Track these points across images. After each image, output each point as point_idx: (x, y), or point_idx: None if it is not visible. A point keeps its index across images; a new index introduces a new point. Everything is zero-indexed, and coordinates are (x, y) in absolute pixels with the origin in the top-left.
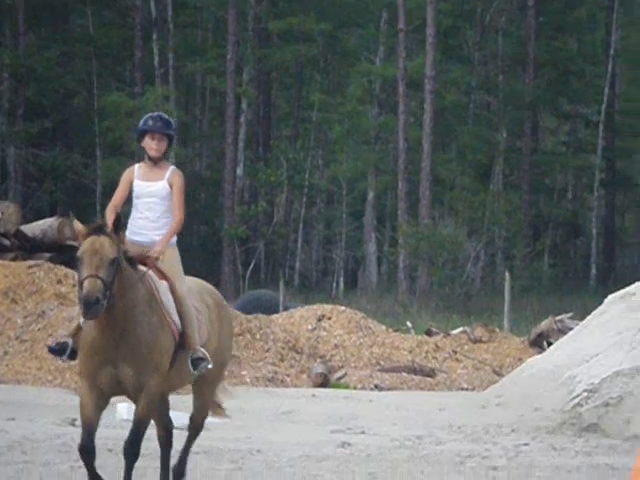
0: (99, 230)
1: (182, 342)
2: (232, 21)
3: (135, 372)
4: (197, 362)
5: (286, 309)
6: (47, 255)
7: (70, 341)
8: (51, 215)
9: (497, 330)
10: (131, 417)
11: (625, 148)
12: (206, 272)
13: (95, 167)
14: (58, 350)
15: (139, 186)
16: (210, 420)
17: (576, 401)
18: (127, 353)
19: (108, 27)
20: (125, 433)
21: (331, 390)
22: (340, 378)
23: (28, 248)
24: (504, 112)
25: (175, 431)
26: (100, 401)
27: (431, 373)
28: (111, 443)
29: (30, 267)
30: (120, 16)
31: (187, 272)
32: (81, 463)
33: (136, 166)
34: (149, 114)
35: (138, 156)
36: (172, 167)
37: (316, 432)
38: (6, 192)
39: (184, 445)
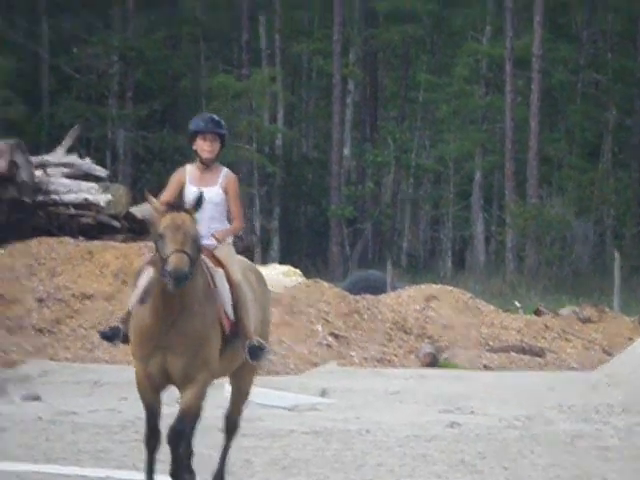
0: (178, 207)
1: (236, 331)
2: (338, 2)
3: (184, 364)
4: (255, 351)
5: (394, 289)
6: None
7: (122, 326)
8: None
9: (607, 310)
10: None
11: None
12: (313, 253)
13: None
14: (110, 335)
15: (191, 191)
16: (319, 400)
17: None
18: (178, 343)
19: (215, 9)
20: (244, 413)
21: (439, 370)
22: (448, 358)
23: (137, 230)
24: (613, 90)
25: (282, 412)
26: (156, 384)
27: (540, 353)
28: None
29: (140, 249)
30: None
31: (295, 252)
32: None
33: (187, 168)
34: (199, 115)
35: (245, 136)
36: (225, 170)
37: (425, 412)
38: (116, 174)
39: (223, 448)
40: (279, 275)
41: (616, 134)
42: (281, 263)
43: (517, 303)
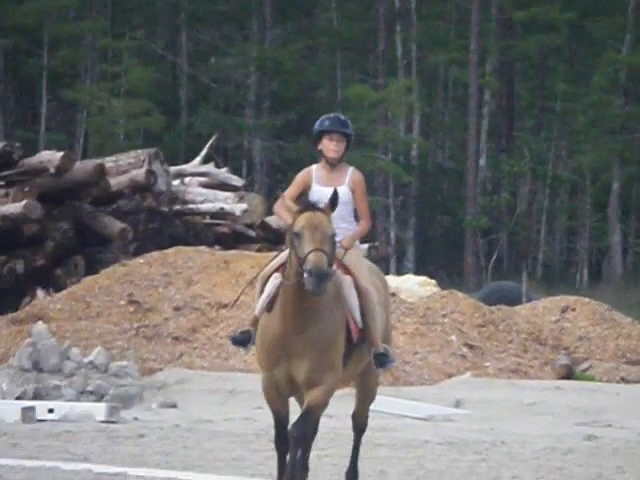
0: (314, 206)
1: (363, 337)
2: (476, 12)
3: (309, 368)
4: (381, 359)
5: (529, 300)
6: None
7: (252, 330)
8: None
9: None
10: None
11: None
12: (448, 263)
13: None
14: (241, 340)
15: (318, 191)
16: (454, 411)
17: None
18: (305, 348)
19: (352, 19)
20: (369, 423)
21: (576, 382)
22: (585, 370)
23: (273, 239)
24: None
25: (416, 422)
26: (282, 391)
27: None
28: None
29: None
30: (364, 8)
31: (430, 263)
32: (328, 452)
33: (313, 168)
34: (325, 115)
35: (381, 147)
36: (351, 169)
37: (561, 424)
38: (252, 183)
39: (353, 445)
40: (414, 285)
41: None
42: (416, 273)
43: None
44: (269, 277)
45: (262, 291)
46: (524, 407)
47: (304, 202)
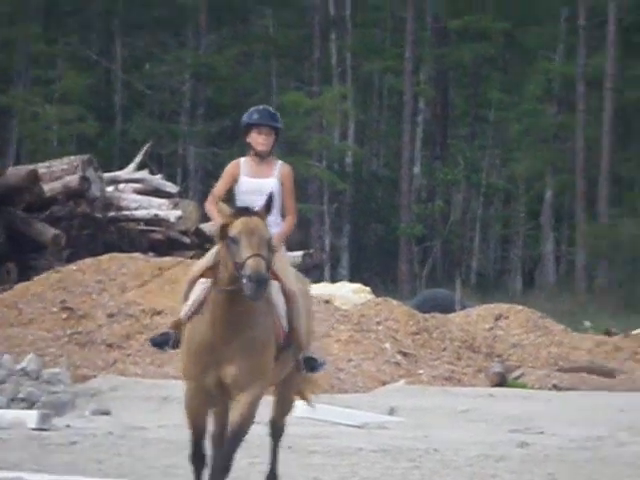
0: (249, 211)
1: (289, 341)
2: (411, 20)
3: (242, 373)
4: (311, 362)
5: (463, 308)
6: None
7: (173, 332)
8: None
9: None
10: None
11: None
12: (382, 270)
13: None
14: (160, 342)
15: (246, 183)
16: (388, 419)
17: None
18: (237, 352)
19: (287, 26)
20: (302, 430)
21: (508, 390)
22: (517, 377)
23: (207, 246)
24: None
25: (350, 429)
26: (208, 404)
27: (611, 373)
28: (290, 440)
29: None
30: (299, 15)
31: (364, 270)
32: (260, 459)
33: (241, 160)
34: (254, 107)
35: (315, 154)
36: (280, 162)
37: (494, 432)
38: (186, 190)
39: (272, 453)
40: (349, 293)
41: None
42: (350, 280)
43: (587, 323)
44: (196, 281)
45: (187, 296)
46: (457, 414)
47: (238, 206)
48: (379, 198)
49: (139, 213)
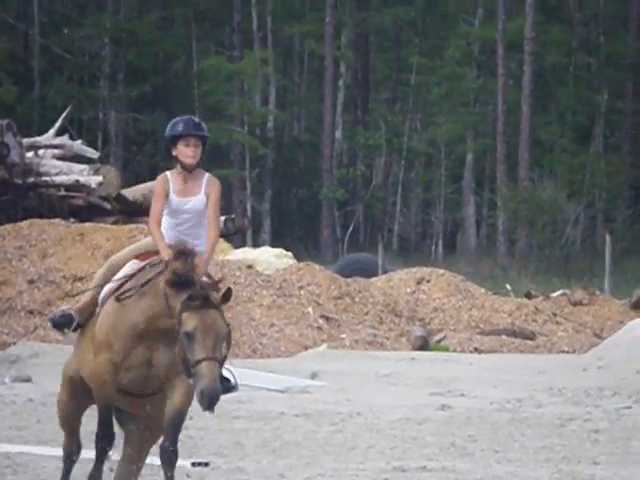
0: (204, 297)
1: None
2: None
3: (173, 359)
4: (223, 382)
5: (385, 272)
6: (147, 219)
7: (77, 316)
8: (151, 179)
9: (598, 293)
10: None
11: None
12: (305, 235)
13: None
14: (60, 323)
15: (175, 201)
16: (310, 383)
17: None
18: (172, 341)
19: None
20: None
21: (430, 353)
22: (439, 341)
23: (129, 212)
24: (605, 73)
25: (273, 394)
26: (115, 382)
27: (531, 336)
28: None
29: (130, 231)
30: None
31: (286, 235)
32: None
33: (168, 175)
34: (176, 120)
35: (237, 119)
36: (207, 175)
37: (416, 395)
38: (107, 156)
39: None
40: (271, 258)
41: (608, 117)
42: (272, 246)
43: (508, 286)
44: (120, 265)
45: (107, 278)
46: (380, 378)
47: (198, 296)
48: (301, 163)
49: (59, 179)
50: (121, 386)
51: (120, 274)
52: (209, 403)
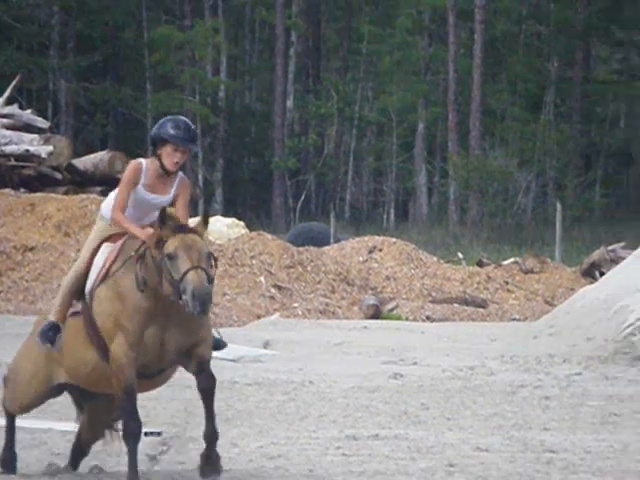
0: (185, 228)
1: None
2: None
3: (185, 333)
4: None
5: (337, 241)
6: (99, 189)
7: (59, 326)
8: (102, 149)
9: (549, 260)
10: None
11: None
12: (257, 204)
13: (145, 100)
14: (51, 336)
15: (142, 194)
16: (262, 352)
17: (629, 330)
18: (179, 315)
19: None
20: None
21: (383, 322)
22: (392, 310)
23: (80, 182)
24: (555, 41)
25: (225, 363)
26: (136, 365)
27: (483, 304)
28: None
29: (82, 201)
30: None
31: (238, 205)
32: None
33: (143, 166)
34: (173, 120)
35: (188, 88)
36: (180, 176)
37: (368, 363)
38: (57, 126)
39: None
40: (223, 227)
41: (558, 85)
42: (224, 215)
43: (460, 254)
44: (87, 268)
45: (75, 285)
46: (332, 347)
47: (173, 225)
48: (252, 132)
49: (9, 148)
50: (138, 370)
51: (99, 261)
52: (201, 304)
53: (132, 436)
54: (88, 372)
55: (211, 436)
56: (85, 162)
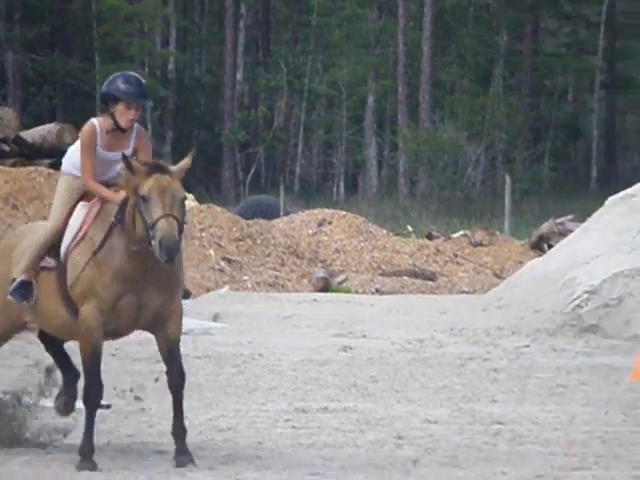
0: (163, 168)
1: None
2: None
3: (163, 298)
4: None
5: (287, 214)
6: (47, 161)
7: (31, 282)
8: (50, 121)
9: (497, 233)
10: None
11: (626, 49)
12: (206, 177)
13: (94, 72)
14: (25, 293)
15: (102, 154)
16: (212, 325)
17: (576, 303)
18: (157, 280)
19: None
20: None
21: (332, 294)
22: (341, 282)
23: (28, 154)
24: (504, 14)
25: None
26: (105, 329)
27: (432, 277)
28: (114, 348)
29: (30, 173)
30: None
31: (188, 177)
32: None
33: (96, 126)
34: (123, 74)
35: (137, 61)
36: (136, 127)
37: (317, 336)
38: (5, 97)
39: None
40: None
41: (507, 58)
42: None
43: (409, 227)
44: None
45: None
46: (282, 320)
47: (148, 165)
48: (202, 105)
49: None
50: (108, 331)
51: (75, 222)
52: (167, 253)
53: (92, 400)
54: (59, 325)
55: (179, 433)
56: (33, 134)
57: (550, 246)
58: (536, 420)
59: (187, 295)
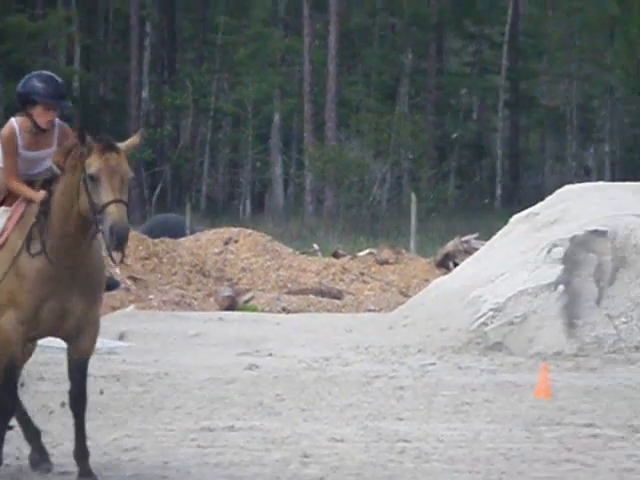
0: (111, 146)
1: None
2: None
3: (85, 304)
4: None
5: (193, 232)
6: None
7: None
8: None
9: (403, 251)
10: None
11: (528, 69)
12: None
13: None
14: None
15: (26, 154)
16: (118, 344)
17: (481, 320)
18: (80, 285)
19: None
20: (31, 358)
21: (238, 313)
22: (247, 301)
23: None
24: (409, 33)
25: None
26: (26, 338)
27: (338, 295)
28: None
29: None
30: None
31: None
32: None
33: (16, 129)
34: (38, 74)
35: None
36: (58, 124)
37: (224, 355)
38: None
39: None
40: None
41: (412, 77)
42: None
43: (315, 245)
44: None
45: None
46: (188, 338)
47: (98, 142)
48: (107, 123)
49: None
50: (30, 338)
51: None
52: (118, 240)
53: (4, 412)
54: None
55: (81, 455)
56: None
57: (456, 264)
58: (441, 438)
59: (116, 285)
